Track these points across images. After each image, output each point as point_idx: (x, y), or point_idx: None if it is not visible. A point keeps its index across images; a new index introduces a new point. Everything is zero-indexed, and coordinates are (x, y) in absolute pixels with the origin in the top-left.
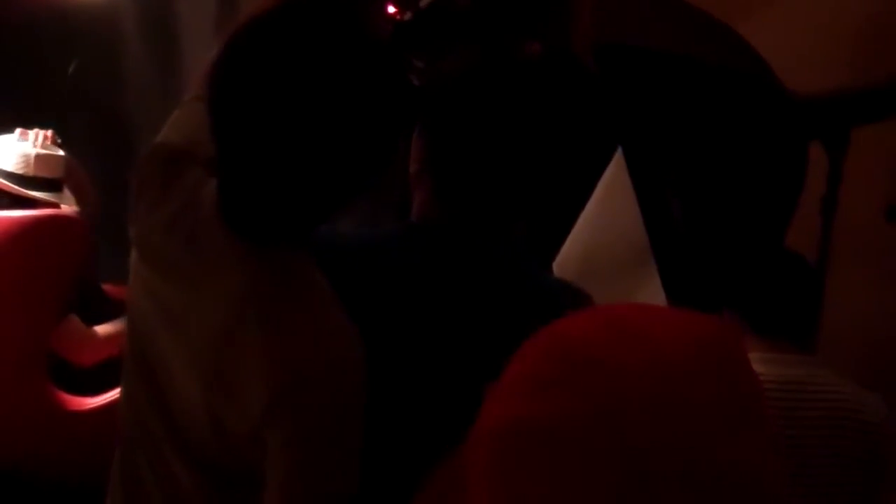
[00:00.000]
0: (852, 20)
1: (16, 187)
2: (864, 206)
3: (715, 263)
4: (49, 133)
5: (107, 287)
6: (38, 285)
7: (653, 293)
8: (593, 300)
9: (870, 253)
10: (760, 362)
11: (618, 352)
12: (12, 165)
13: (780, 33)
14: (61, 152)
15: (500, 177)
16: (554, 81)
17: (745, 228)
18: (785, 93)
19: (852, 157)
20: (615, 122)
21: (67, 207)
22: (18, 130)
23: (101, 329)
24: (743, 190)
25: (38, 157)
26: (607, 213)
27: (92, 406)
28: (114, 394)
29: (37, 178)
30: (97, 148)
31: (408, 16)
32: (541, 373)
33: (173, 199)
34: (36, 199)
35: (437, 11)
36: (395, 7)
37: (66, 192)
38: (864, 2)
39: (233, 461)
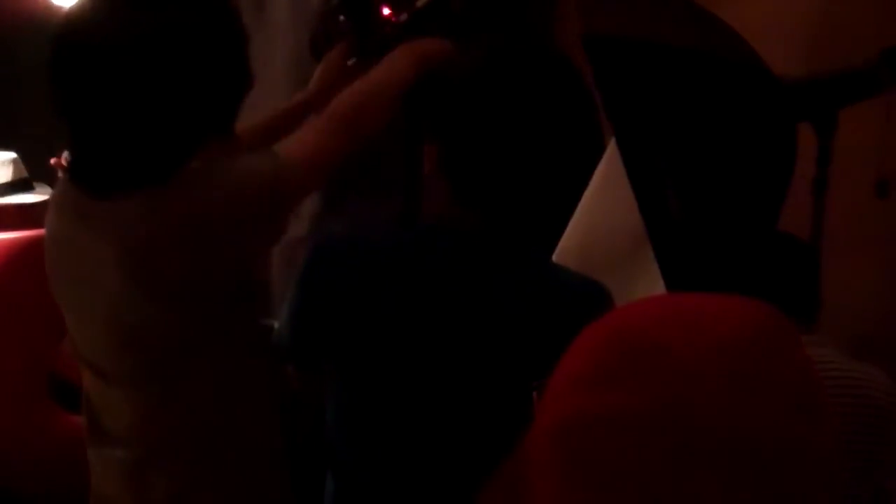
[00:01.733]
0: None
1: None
2: (854, 183)
3: (712, 248)
4: None
5: None
6: (41, 304)
7: (651, 281)
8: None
9: (862, 229)
10: None
11: (677, 339)
12: None
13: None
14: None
15: (515, 173)
16: (548, 73)
17: (739, 212)
18: (772, 77)
19: (840, 136)
20: (606, 112)
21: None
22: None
23: None
24: (735, 174)
25: None
26: (603, 202)
27: None
28: None
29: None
30: None
31: (403, 17)
32: (603, 364)
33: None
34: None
35: (433, 12)
36: (390, 9)
37: (40, 188)
38: None
39: None
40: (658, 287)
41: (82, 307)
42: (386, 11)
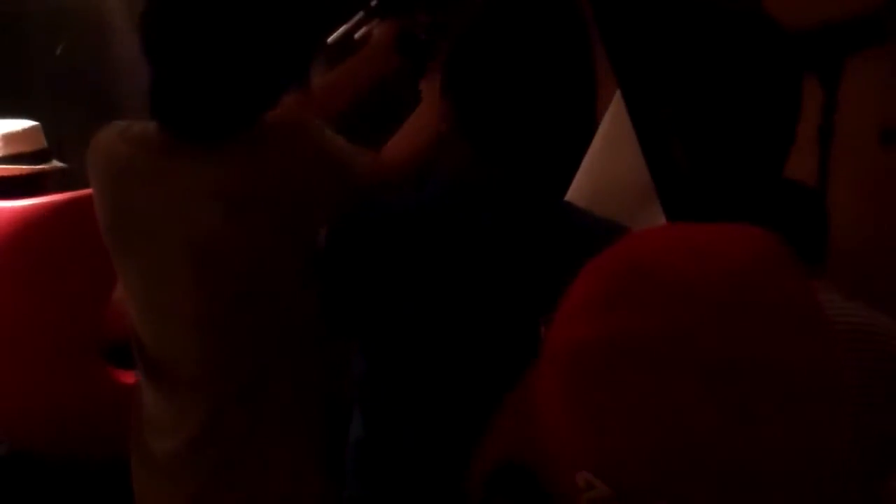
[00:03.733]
0: None
1: (22, 167)
2: (859, 131)
3: (719, 197)
4: None
5: None
6: (84, 263)
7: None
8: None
9: (867, 176)
10: None
11: (682, 265)
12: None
13: None
14: (35, 123)
15: (531, 123)
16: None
17: (746, 160)
18: (777, 25)
19: (846, 85)
20: (610, 62)
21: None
22: None
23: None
24: (741, 123)
25: (17, 133)
26: (610, 154)
27: None
28: None
29: (24, 154)
30: (88, 124)
31: None
32: (606, 290)
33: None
34: (44, 171)
35: None
36: None
37: (54, 161)
38: None
39: None
40: None
41: (163, 248)
42: None
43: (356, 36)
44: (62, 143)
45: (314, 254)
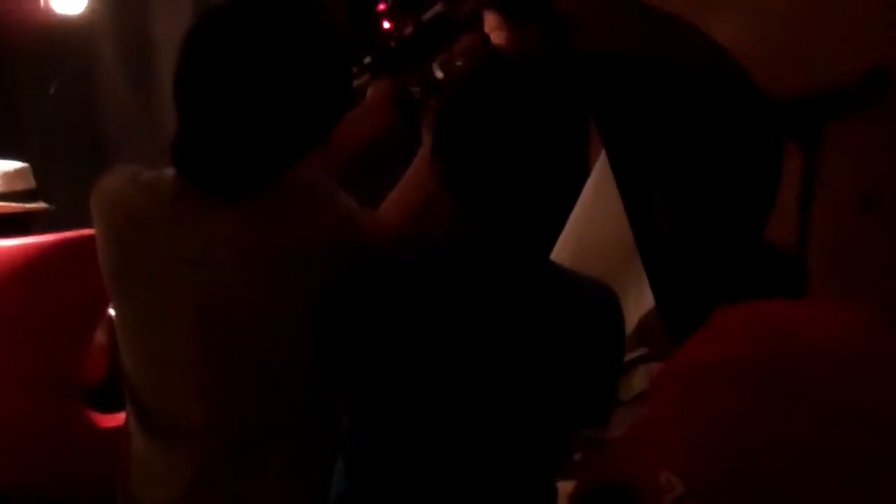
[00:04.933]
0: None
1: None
2: (839, 198)
3: (700, 259)
4: None
5: None
6: (69, 305)
7: (640, 292)
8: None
9: (847, 243)
10: None
11: (799, 317)
12: None
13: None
14: (24, 164)
15: (518, 184)
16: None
17: (727, 224)
18: (759, 93)
19: (826, 152)
20: (597, 125)
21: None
22: None
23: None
24: (723, 187)
25: (9, 173)
26: (594, 214)
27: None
28: None
29: (16, 192)
30: (76, 166)
31: (409, 30)
32: (727, 324)
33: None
34: (31, 210)
35: (437, 25)
36: (391, 23)
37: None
38: None
39: None
40: (646, 298)
41: (168, 296)
42: (387, 25)
43: None
44: (51, 183)
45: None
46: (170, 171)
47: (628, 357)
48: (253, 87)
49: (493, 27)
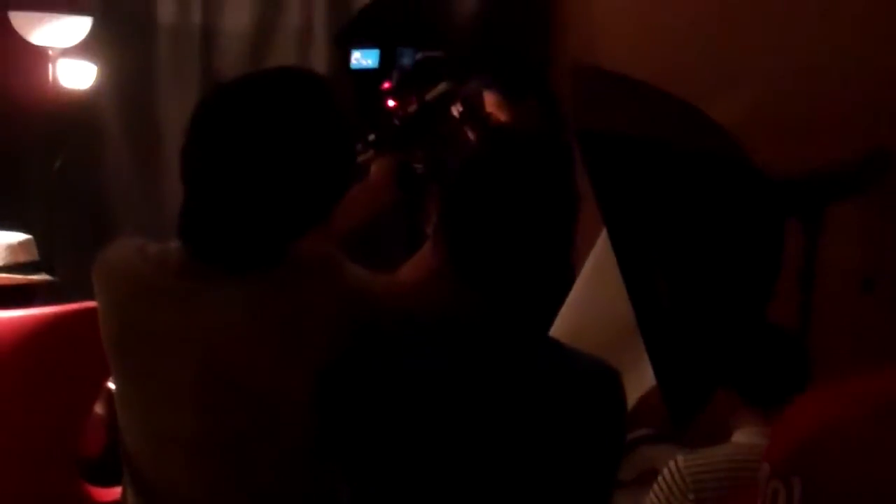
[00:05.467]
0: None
1: (13, 276)
2: (840, 278)
3: (701, 338)
4: None
5: None
6: (69, 378)
7: (641, 371)
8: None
9: (848, 322)
10: (758, 436)
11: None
12: None
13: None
14: (27, 235)
15: (519, 262)
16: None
17: (728, 304)
18: (760, 174)
19: (827, 232)
20: (598, 203)
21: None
22: None
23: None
24: (724, 267)
25: (9, 245)
26: (594, 291)
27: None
28: None
29: (19, 264)
30: (80, 239)
31: (413, 109)
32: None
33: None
34: (34, 282)
35: (441, 103)
36: (396, 101)
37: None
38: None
39: None
40: (647, 377)
41: (172, 370)
42: (391, 103)
43: None
44: (54, 256)
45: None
46: (175, 245)
47: (630, 437)
48: (259, 164)
49: (493, 105)
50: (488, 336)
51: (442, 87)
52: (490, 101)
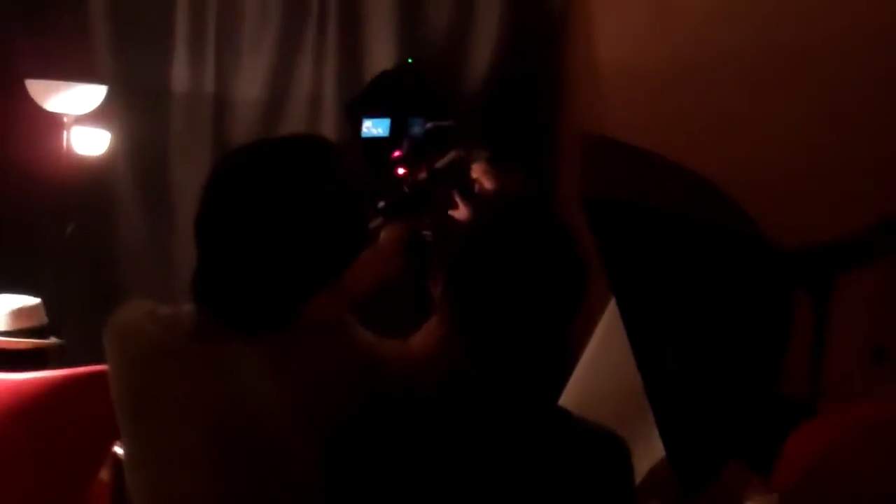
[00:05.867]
0: None
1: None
2: (851, 348)
3: (710, 409)
4: None
5: None
6: (78, 442)
7: (650, 441)
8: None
9: (859, 394)
10: None
11: None
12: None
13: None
14: (36, 300)
15: (526, 331)
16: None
17: (737, 374)
18: (769, 245)
19: (837, 303)
20: (606, 271)
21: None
22: None
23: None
24: (733, 337)
25: (18, 310)
26: (603, 360)
27: None
28: None
29: (26, 329)
30: (90, 303)
31: (423, 176)
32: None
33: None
34: (41, 346)
35: (451, 171)
36: (406, 169)
37: (53, 338)
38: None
39: None
40: (656, 447)
41: (183, 432)
42: (401, 171)
43: None
44: (64, 320)
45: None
46: (187, 308)
47: None
48: (271, 228)
49: (479, 172)
50: (495, 403)
51: (452, 155)
52: (476, 168)
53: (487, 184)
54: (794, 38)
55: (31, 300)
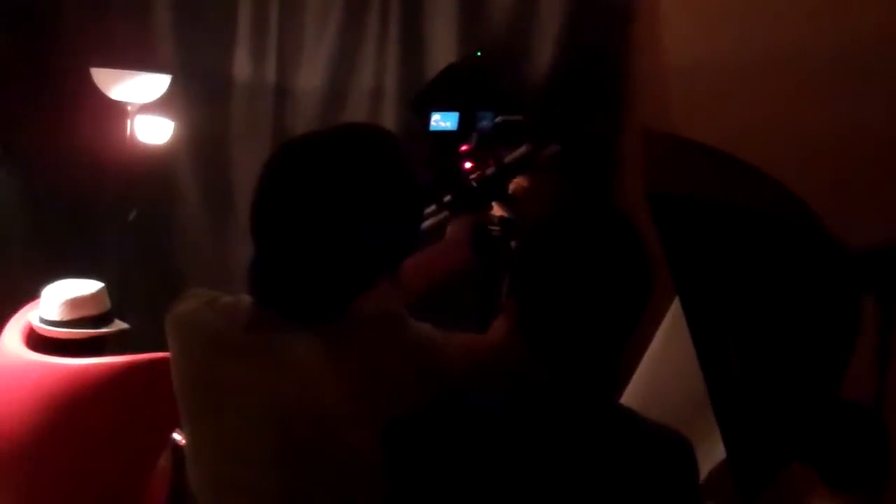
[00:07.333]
0: None
1: (80, 331)
2: None
3: (772, 412)
4: None
5: None
6: (140, 429)
7: (711, 444)
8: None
9: None
10: None
11: None
12: (61, 313)
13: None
14: (101, 285)
15: (592, 325)
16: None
17: (801, 377)
18: (837, 245)
19: None
20: (670, 269)
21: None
22: None
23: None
24: (799, 338)
25: (85, 297)
26: (666, 361)
27: None
28: None
29: (92, 316)
30: (152, 290)
31: (491, 170)
32: None
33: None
34: (101, 335)
35: (519, 165)
36: (473, 163)
37: (117, 322)
38: None
39: None
40: (717, 451)
41: (243, 422)
42: (469, 165)
43: (423, 226)
44: (127, 304)
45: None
46: (247, 298)
47: None
48: (325, 218)
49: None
50: (560, 402)
51: (522, 150)
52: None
53: (520, 183)
54: (869, 32)
55: (94, 286)
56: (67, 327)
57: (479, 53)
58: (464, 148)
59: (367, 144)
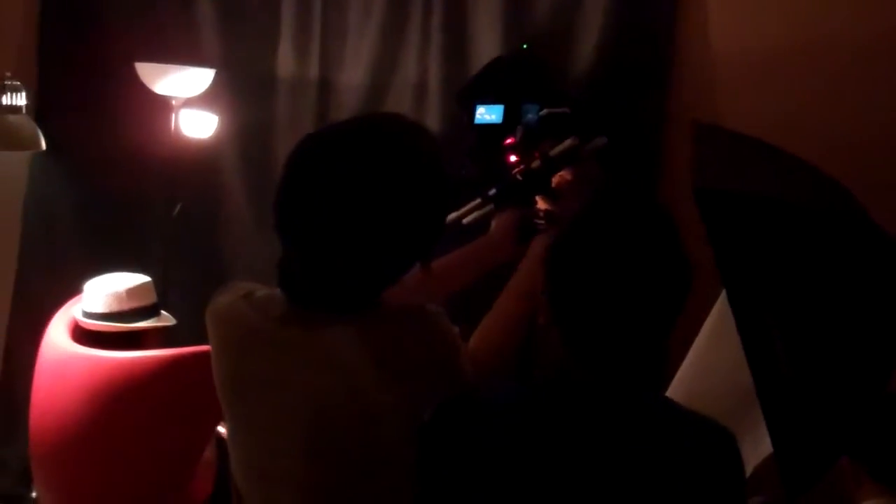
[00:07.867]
0: None
1: (124, 325)
2: None
3: (821, 407)
4: None
5: None
6: (186, 421)
7: (757, 438)
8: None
9: None
10: None
11: None
12: (105, 306)
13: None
14: (146, 278)
15: (627, 321)
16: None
17: (850, 371)
18: (884, 234)
19: None
20: (717, 264)
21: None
22: None
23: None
24: (846, 333)
25: (129, 290)
26: (712, 355)
27: None
28: None
29: (135, 309)
30: (197, 282)
31: (536, 164)
32: None
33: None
34: (145, 329)
35: (564, 159)
36: (518, 156)
37: (164, 314)
38: None
39: None
40: (764, 445)
41: (279, 415)
42: (514, 158)
43: (465, 221)
44: (172, 295)
45: (416, 438)
46: (280, 290)
47: None
48: (349, 210)
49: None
50: (598, 395)
51: (568, 143)
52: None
53: (568, 178)
54: None
55: (137, 279)
56: (109, 320)
57: (525, 46)
58: (509, 141)
59: (389, 133)
